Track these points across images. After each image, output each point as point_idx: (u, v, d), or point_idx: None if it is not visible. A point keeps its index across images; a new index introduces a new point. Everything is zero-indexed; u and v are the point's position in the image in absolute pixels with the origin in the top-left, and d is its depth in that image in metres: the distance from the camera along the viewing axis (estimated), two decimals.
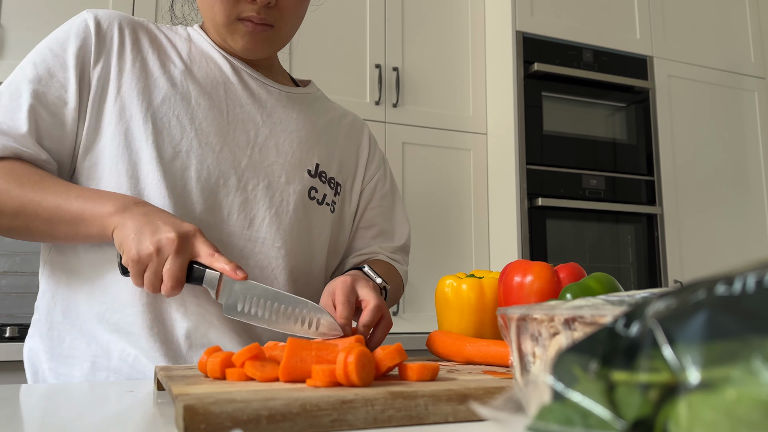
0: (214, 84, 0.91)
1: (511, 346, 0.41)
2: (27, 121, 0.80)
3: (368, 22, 2.45)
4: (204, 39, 0.94)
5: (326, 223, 0.96)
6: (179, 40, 0.93)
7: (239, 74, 0.93)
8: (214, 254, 0.72)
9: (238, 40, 0.89)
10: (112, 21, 0.88)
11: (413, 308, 2.35)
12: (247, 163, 0.88)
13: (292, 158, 0.93)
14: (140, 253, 0.71)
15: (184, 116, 0.86)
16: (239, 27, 0.87)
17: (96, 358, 0.81)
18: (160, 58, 0.89)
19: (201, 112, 0.87)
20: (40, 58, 0.84)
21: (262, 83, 0.95)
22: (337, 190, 0.99)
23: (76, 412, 0.56)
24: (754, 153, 2.85)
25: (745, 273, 0.24)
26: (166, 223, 0.72)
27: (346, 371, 0.49)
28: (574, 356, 0.27)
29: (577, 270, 0.75)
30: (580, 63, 2.53)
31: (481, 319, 0.81)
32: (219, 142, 0.87)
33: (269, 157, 0.91)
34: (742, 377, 0.21)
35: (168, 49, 0.91)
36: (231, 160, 0.87)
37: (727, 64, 2.85)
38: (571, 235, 2.42)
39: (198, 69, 0.91)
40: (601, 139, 2.54)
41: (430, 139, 2.49)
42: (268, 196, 0.89)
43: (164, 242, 0.70)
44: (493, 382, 0.52)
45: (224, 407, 0.41)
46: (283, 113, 0.95)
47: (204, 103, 0.88)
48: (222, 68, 0.93)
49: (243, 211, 0.87)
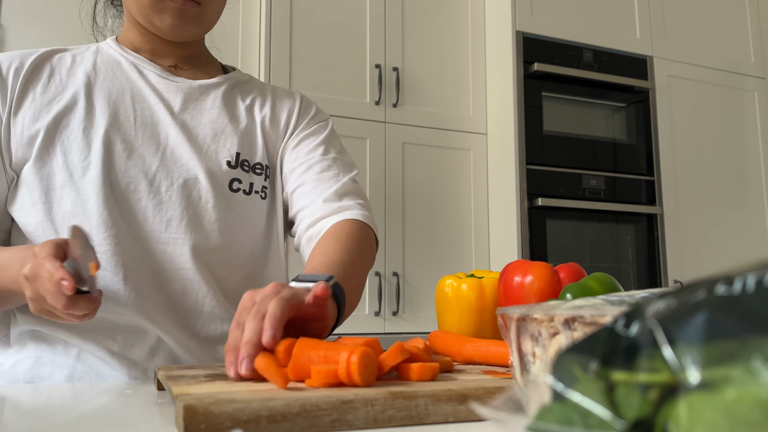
0: (120, 92, 0.90)
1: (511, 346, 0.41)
2: None
3: (368, 22, 2.45)
4: (112, 48, 0.94)
5: (259, 212, 0.93)
6: (88, 55, 0.93)
7: (145, 77, 0.93)
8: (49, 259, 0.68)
9: (165, 19, 0.88)
10: (12, 63, 0.88)
11: (413, 308, 2.35)
12: (159, 165, 0.87)
13: (207, 153, 0.91)
14: (32, 293, 0.68)
15: (90, 131, 0.86)
16: (167, 4, 0.87)
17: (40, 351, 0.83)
18: (61, 81, 0.89)
19: (106, 123, 0.87)
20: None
21: (172, 81, 0.94)
22: (267, 173, 0.95)
23: (76, 412, 0.56)
24: (754, 153, 2.85)
25: (745, 273, 0.24)
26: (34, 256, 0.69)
27: (349, 371, 0.49)
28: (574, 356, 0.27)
29: (577, 270, 0.75)
30: (580, 63, 2.53)
31: (481, 319, 0.81)
32: (126, 149, 0.87)
33: (183, 156, 0.89)
34: (742, 377, 0.21)
35: (74, 68, 0.91)
36: (140, 165, 0.86)
37: (727, 64, 2.85)
38: (571, 235, 2.42)
39: (103, 80, 0.91)
40: (601, 139, 2.54)
41: (430, 139, 2.49)
42: (184, 195, 0.87)
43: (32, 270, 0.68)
44: (493, 382, 0.52)
45: (224, 407, 0.41)
46: (195, 108, 0.93)
47: (109, 112, 0.88)
48: (128, 74, 0.92)
49: (158, 214, 0.86)
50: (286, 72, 2.26)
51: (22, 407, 0.58)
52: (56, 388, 0.70)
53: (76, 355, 0.82)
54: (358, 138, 2.34)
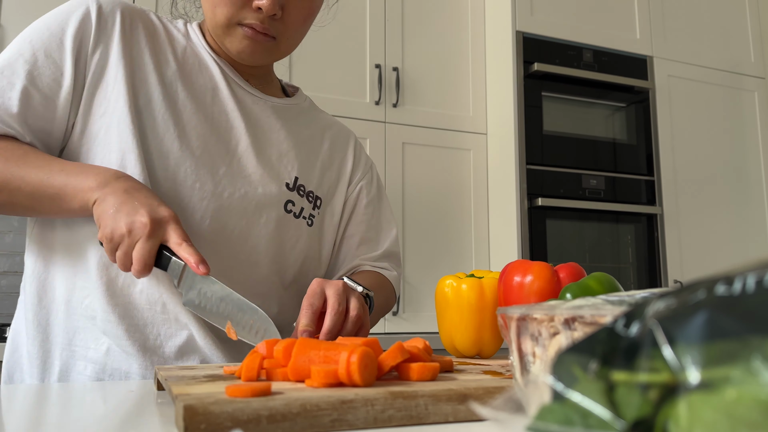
0: (203, 89, 0.90)
1: (511, 346, 0.41)
2: (18, 102, 0.79)
3: (368, 22, 2.45)
4: (200, 41, 0.93)
5: (301, 236, 0.94)
6: (178, 35, 0.92)
7: (228, 82, 0.92)
8: (182, 243, 0.71)
9: (234, 44, 0.88)
10: (114, 7, 0.86)
11: (413, 308, 2.35)
12: (226, 171, 0.87)
13: (271, 170, 0.92)
14: (114, 232, 0.71)
15: (168, 117, 0.85)
16: (238, 31, 0.86)
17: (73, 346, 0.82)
18: (154, 55, 0.88)
19: (186, 115, 0.86)
20: (38, 37, 0.81)
21: (250, 93, 0.94)
22: (317, 203, 0.98)
23: (76, 412, 0.56)
24: (754, 153, 2.85)
25: (745, 273, 0.24)
26: (143, 204, 0.72)
27: (349, 371, 0.49)
28: (574, 356, 0.27)
29: (577, 270, 0.75)
30: (580, 63, 2.53)
31: (481, 319, 0.81)
32: (200, 146, 0.86)
33: (248, 167, 0.90)
34: (742, 377, 0.21)
35: (164, 45, 0.90)
36: (210, 166, 0.86)
37: (727, 64, 2.85)
38: (571, 235, 2.42)
39: (189, 71, 0.90)
40: (601, 139, 2.54)
41: (430, 139, 2.49)
42: (243, 205, 0.88)
43: (137, 225, 0.70)
44: (493, 382, 0.52)
45: (224, 407, 0.41)
46: (267, 125, 0.94)
47: (190, 106, 0.87)
48: (213, 74, 0.92)
49: (216, 219, 0.85)
50: (287, 72, 2.25)
51: (22, 407, 0.58)
52: (57, 388, 0.70)
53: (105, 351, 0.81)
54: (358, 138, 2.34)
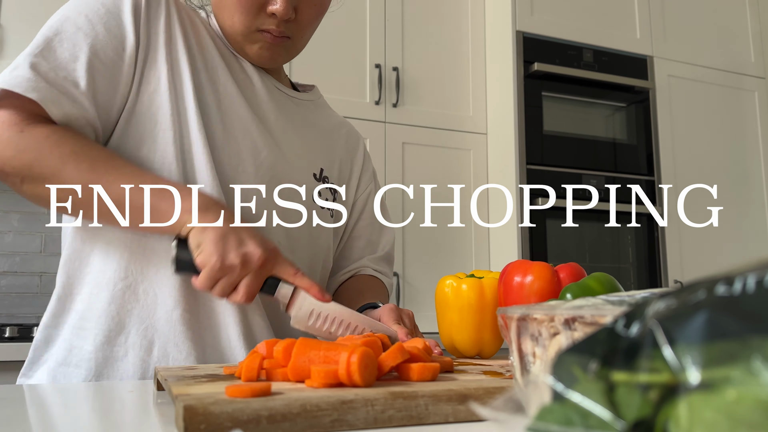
0: (236, 75, 0.90)
1: (511, 346, 0.41)
2: (86, 77, 0.76)
3: (368, 22, 2.45)
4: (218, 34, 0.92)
5: (326, 227, 0.96)
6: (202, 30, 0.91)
7: (258, 72, 0.93)
8: (297, 273, 0.75)
9: (254, 49, 0.89)
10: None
11: (413, 308, 2.35)
12: (266, 156, 0.87)
13: (300, 160, 0.93)
14: (224, 262, 0.70)
15: (212, 100, 0.85)
16: (257, 37, 0.87)
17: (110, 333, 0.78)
18: (197, 37, 0.88)
19: (227, 100, 0.87)
20: (93, 12, 0.79)
21: (274, 86, 0.96)
22: (335, 197, 0.99)
23: (76, 412, 0.56)
24: (754, 153, 2.84)
25: (745, 273, 0.24)
26: (251, 236, 0.73)
27: (349, 371, 0.49)
28: (574, 356, 0.27)
29: (577, 270, 0.75)
30: (580, 63, 2.53)
31: (481, 319, 0.81)
32: (241, 131, 0.86)
33: (284, 156, 0.90)
34: (742, 377, 0.21)
35: (201, 29, 0.90)
36: (251, 150, 0.86)
37: (727, 64, 2.85)
38: (571, 235, 2.42)
39: (222, 56, 0.90)
40: (601, 139, 2.54)
41: (430, 139, 2.49)
42: (280, 195, 0.88)
43: (251, 257, 0.71)
44: (493, 382, 0.52)
45: (224, 407, 0.41)
46: (291, 115, 0.96)
47: (232, 90, 0.88)
48: (243, 65, 0.92)
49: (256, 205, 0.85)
50: (287, 71, 2.25)
51: (22, 407, 0.58)
52: (57, 388, 0.70)
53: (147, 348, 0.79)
54: None
